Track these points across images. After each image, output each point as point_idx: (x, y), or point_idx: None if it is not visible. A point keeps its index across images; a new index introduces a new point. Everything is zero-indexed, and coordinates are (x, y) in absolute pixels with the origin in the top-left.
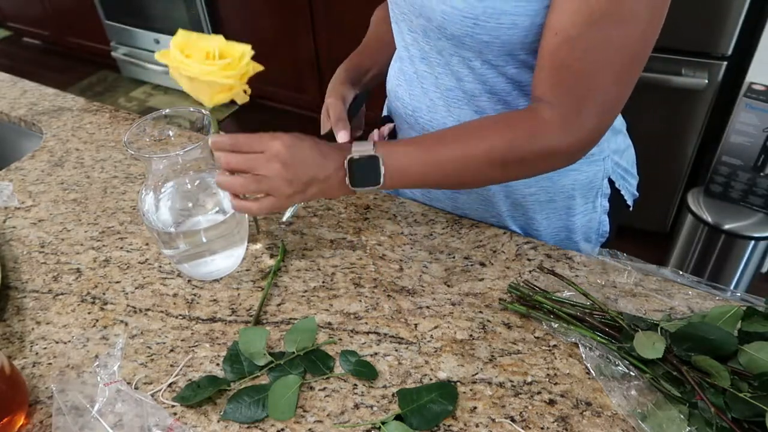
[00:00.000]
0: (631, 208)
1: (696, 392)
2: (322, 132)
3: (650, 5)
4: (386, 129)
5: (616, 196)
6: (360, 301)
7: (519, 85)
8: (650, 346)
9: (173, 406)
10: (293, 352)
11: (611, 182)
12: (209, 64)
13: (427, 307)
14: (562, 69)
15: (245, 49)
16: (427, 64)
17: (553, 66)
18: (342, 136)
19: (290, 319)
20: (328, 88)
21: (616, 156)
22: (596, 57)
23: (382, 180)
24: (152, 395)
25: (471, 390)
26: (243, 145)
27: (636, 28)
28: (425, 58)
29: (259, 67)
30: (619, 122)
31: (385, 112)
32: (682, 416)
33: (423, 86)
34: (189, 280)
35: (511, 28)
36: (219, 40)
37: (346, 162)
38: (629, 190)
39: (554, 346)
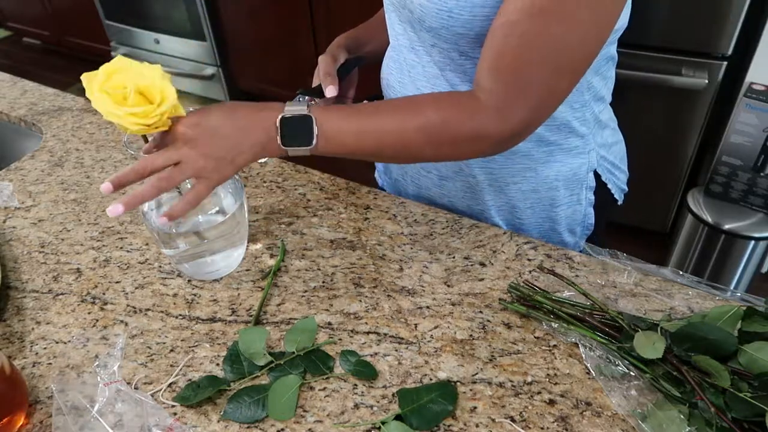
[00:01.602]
0: (619, 203)
1: (696, 392)
2: (313, 86)
3: (593, 9)
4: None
5: (602, 189)
6: (360, 301)
7: None
8: (650, 346)
9: (173, 406)
10: (293, 352)
11: (597, 175)
12: (117, 108)
13: (427, 307)
14: (500, 55)
15: (166, 96)
16: (414, 54)
17: (492, 50)
18: (330, 91)
19: (290, 319)
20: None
21: (602, 150)
22: (532, 50)
23: (314, 141)
24: (152, 395)
25: (471, 390)
26: (153, 146)
27: (575, 29)
28: (413, 48)
29: (181, 112)
30: (607, 117)
31: None
32: (682, 416)
33: (411, 75)
34: (189, 280)
35: (484, 21)
36: (150, 74)
37: (278, 121)
38: (617, 185)
39: (554, 346)
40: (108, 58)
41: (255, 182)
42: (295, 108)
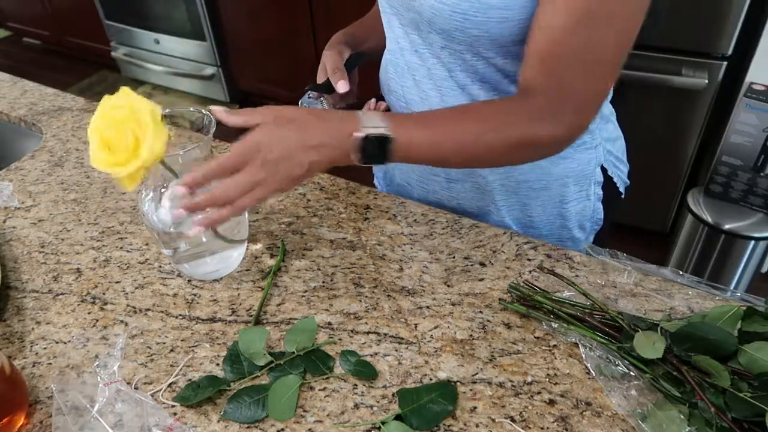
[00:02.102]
0: (623, 196)
1: (696, 392)
2: (318, 81)
3: (631, 8)
4: (382, 105)
5: (609, 183)
6: (360, 301)
7: (509, 74)
8: (650, 346)
9: (173, 406)
10: (293, 352)
11: (604, 170)
12: (100, 151)
13: (427, 307)
14: (545, 59)
15: (150, 137)
16: (418, 56)
17: (537, 55)
18: (342, 86)
19: (290, 319)
20: (325, 48)
21: (608, 144)
22: (580, 52)
23: (391, 157)
24: (152, 395)
25: (471, 390)
26: (225, 167)
27: (615, 30)
28: (416, 51)
29: (160, 154)
30: (608, 111)
31: None
32: (682, 416)
33: (415, 78)
34: (189, 280)
35: (501, 22)
36: (147, 112)
37: (357, 140)
38: (621, 178)
39: (554, 346)
40: (108, 58)
41: None
42: (373, 124)
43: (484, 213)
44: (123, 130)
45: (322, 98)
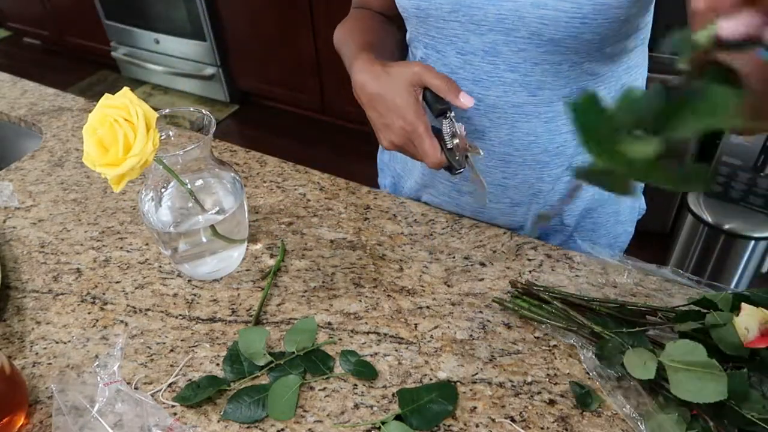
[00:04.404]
0: None
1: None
2: (439, 154)
3: None
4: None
5: None
6: (360, 301)
7: (590, 73)
8: (641, 366)
9: (173, 406)
10: (293, 352)
11: None
12: (94, 149)
13: (427, 307)
14: None
15: (140, 142)
16: (482, 87)
17: None
18: (468, 99)
19: (290, 319)
20: (367, 84)
21: None
22: None
23: None
24: (152, 395)
25: (471, 390)
26: None
27: None
28: (479, 80)
29: (149, 160)
30: None
31: None
32: (682, 417)
33: (485, 84)
34: (189, 280)
35: (613, 22)
36: (140, 116)
37: None
38: None
39: (554, 346)
40: (108, 58)
41: (255, 182)
42: None
43: (549, 233)
44: (115, 132)
45: (452, 114)
